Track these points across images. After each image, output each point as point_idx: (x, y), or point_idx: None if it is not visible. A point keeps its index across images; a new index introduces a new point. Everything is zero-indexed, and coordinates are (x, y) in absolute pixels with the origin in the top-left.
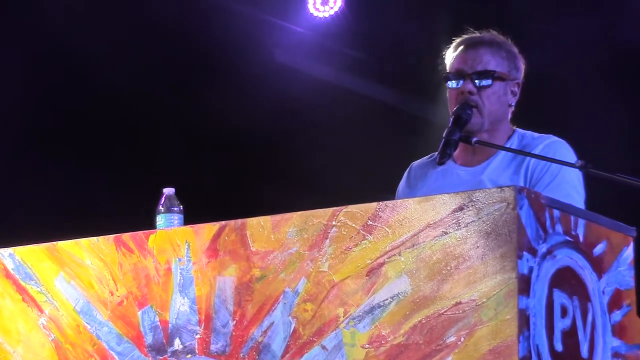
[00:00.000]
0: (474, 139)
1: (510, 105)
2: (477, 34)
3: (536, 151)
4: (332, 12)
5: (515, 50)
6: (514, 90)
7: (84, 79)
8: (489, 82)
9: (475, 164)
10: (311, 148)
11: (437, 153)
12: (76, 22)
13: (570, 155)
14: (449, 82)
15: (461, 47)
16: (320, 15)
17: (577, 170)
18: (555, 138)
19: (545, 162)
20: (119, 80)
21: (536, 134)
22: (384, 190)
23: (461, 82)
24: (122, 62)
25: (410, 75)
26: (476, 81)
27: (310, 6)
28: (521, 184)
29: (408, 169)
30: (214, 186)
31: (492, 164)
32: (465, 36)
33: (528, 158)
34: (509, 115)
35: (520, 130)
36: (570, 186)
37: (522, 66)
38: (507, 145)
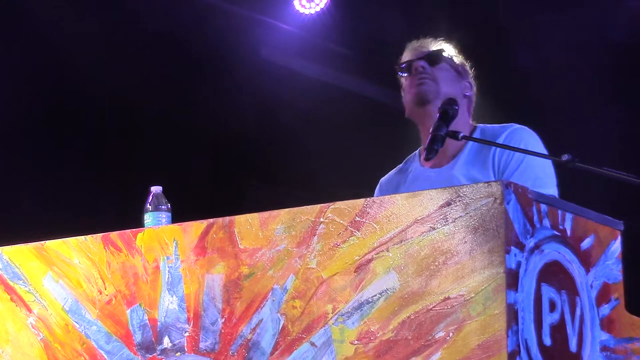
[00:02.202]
0: (461, 134)
1: (465, 96)
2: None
3: (499, 141)
4: (317, 8)
5: (462, 60)
6: (469, 82)
7: (72, 79)
8: (439, 58)
9: (444, 163)
10: (298, 145)
11: (419, 150)
12: (65, 22)
13: (533, 139)
14: (401, 72)
15: (408, 46)
16: (306, 12)
17: (543, 152)
18: (517, 125)
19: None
20: (106, 79)
21: (497, 125)
22: (372, 187)
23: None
24: (109, 62)
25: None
26: (426, 57)
27: (296, 3)
28: (492, 176)
29: (378, 186)
30: (202, 184)
31: (459, 161)
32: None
33: (492, 149)
34: (469, 109)
35: (481, 124)
36: (538, 169)
37: (470, 72)
38: None
